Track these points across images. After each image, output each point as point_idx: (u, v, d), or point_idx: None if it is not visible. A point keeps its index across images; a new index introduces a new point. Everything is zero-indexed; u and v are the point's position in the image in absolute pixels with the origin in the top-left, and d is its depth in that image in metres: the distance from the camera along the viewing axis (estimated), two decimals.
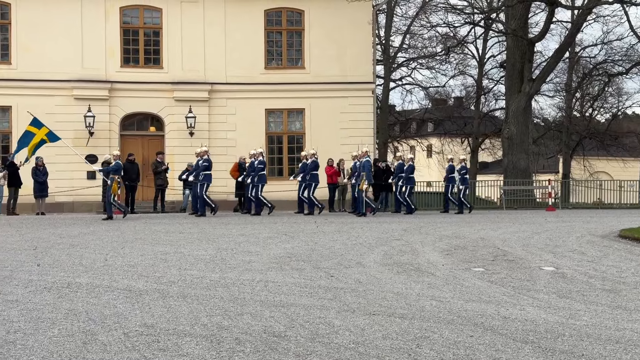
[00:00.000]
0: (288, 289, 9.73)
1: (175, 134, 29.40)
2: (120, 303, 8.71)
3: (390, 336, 7.19)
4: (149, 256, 12.99)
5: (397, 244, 14.88)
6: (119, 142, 29.14)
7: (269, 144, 30.24)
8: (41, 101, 28.41)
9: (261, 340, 7.01)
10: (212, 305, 8.58)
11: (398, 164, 26.59)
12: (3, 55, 28.99)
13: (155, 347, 6.75)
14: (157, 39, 29.93)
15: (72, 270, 11.32)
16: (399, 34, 48.03)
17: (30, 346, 6.74)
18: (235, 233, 17.23)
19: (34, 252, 13.59)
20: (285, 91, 30.21)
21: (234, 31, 29.90)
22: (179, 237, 16.30)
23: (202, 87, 29.70)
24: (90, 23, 29.00)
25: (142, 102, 29.51)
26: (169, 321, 7.76)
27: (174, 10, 29.67)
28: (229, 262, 12.23)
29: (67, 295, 9.24)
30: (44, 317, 7.92)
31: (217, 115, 29.83)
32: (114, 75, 29.30)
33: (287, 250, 13.91)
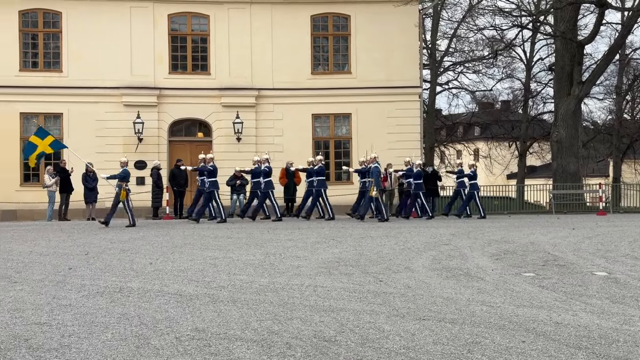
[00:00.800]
0: (337, 293, 9.73)
1: (222, 139, 29.60)
2: (171, 307, 8.79)
3: (441, 341, 7.14)
4: (198, 261, 13.08)
5: (446, 249, 14.79)
6: (168, 147, 29.43)
7: (315, 149, 30.28)
8: (91, 108, 28.85)
9: (312, 344, 7.02)
10: (262, 310, 8.61)
11: (407, 169, 26.30)
12: (54, 63, 29.47)
13: (207, 351, 6.80)
14: (204, 45, 30.18)
15: (123, 275, 11.45)
16: (445, 37, 47.82)
17: (85, 350, 6.83)
18: (283, 238, 17.28)
19: (86, 257, 13.77)
20: (331, 96, 30.24)
21: (280, 37, 30.03)
22: (227, 242, 16.39)
23: (249, 93, 29.87)
24: (139, 31, 29.36)
25: (190, 108, 29.77)
26: (220, 325, 7.80)
27: (221, 16, 29.89)
28: (277, 266, 12.26)
29: (119, 299, 9.35)
30: (97, 322, 8.02)
31: (264, 121, 29.96)
32: (163, 81, 29.61)
33: (335, 255, 13.91)
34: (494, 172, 56.73)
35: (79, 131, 28.64)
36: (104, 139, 28.51)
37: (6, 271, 11.96)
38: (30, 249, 15.33)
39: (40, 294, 9.77)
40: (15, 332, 7.52)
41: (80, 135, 28.45)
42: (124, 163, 22.61)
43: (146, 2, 29.52)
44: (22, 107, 28.93)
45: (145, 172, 27.90)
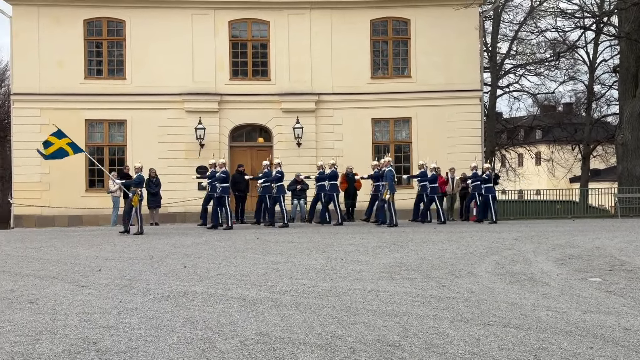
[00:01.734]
0: (400, 298, 9.70)
1: (283, 144, 29.74)
2: (235, 312, 8.87)
3: (507, 347, 7.08)
4: (260, 265, 13.17)
5: (509, 253, 14.63)
6: (229, 153, 29.67)
7: (375, 153, 30.18)
8: (154, 114, 29.26)
9: (375, 349, 7.02)
10: (325, 314, 8.64)
11: (421, 172, 25.95)
12: (118, 71, 29.97)
13: (271, 355, 6.85)
14: (264, 51, 30.37)
15: (187, 279, 11.59)
16: (506, 40, 47.29)
17: (152, 353, 6.94)
18: (344, 242, 17.29)
19: (150, 262, 13.97)
20: (391, 100, 30.13)
21: (340, 41, 30.05)
22: (289, 247, 16.46)
23: (309, 98, 29.95)
24: (201, 37, 29.67)
25: (250, 113, 29.97)
26: (284, 330, 7.85)
27: (281, 22, 30.05)
28: (339, 271, 12.28)
29: (184, 303, 9.47)
30: (163, 325, 8.13)
31: (324, 126, 30.01)
32: (224, 87, 29.87)
33: (397, 259, 13.87)
34: (557, 176, 55.92)
35: (142, 137, 29.06)
36: (167, 145, 28.86)
37: (74, 275, 12.20)
38: (97, 254, 15.62)
39: (107, 297, 9.95)
40: (84, 335, 7.67)
41: (143, 142, 28.88)
42: (139, 169, 22.23)
43: (207, 10, 29.83)
44: (87, 114, 29.46)
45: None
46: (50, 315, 8.77)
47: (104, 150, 29.64)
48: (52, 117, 28.90)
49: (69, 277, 11.98)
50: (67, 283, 11.33)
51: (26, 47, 29.06)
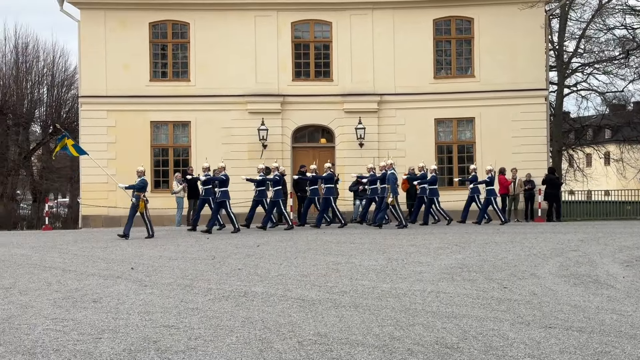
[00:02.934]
0: (460, 300, 9.61)
1: (345, 145, 29.72)
2: (294, 312, 8.89)
3: (568, 350, 6.95)
4: (321, 266, 13.18)
5: (574, 255, 14.37)
6: (291, 154, 29.78)
7: (438, 153, 29.98)
8: (217, 116, 29.53)
9: (433, 351, 6.96)
10: (383, 316, 8.60)
11: (421, 175, 25.51)
12: (182, 73, 30.32)
13: (329, 356, 6.84)
14: (327, 52, 30.40)
15: (248, 279, 11.66)
16: (573, 38, 46.42)
17: (210, 353, 6.99)
18: (405, 243, 17.20)
19: (212, 262, 14.10)
20: (454, 100, 29.88)
21: (402, 41, 29.91)
22: (350, 248, 16.44)
23: (371, 99, 29.88)
24: (263, 39, 29.85)
25: (313, 114, 30.03)
26: (342, 330, 7.83)
27: (344, 23, 30.04)
28: (399, 272, 12.22)
29: (244, 303, 9.52)
30: (223, 325, 8.19)
31: (386, 126, 29.90)
32: (286, 88, 29.99)
33: (459, 260, 13.74)
34: (626, 176, 54.73)
35: (206, 138, 29.36)
36: (230, 146, 29.10)
37: (137, 275, 12.38)
38: (160, 254, 15.82)
39: (168, 297, 10.07)
40: (145, 334, 7.77)
41: (206, 143, 29.17)
42: (141, 172, 21.60)
43: (270, 11, 30.00)
44: (152, 115, 29.88)
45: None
46: (112, 314, 8.91)
47: (168, 151, 30.02)
48: (119, 118, 29.48)
49: (132, 277, 12.16)
50: (131, 282, 11.50)
51: (93, 51, 29.62)
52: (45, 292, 10.69)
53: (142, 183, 21.19)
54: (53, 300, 9.92)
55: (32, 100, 48.63)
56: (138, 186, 21.14)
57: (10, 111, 45.61)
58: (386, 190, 23.31)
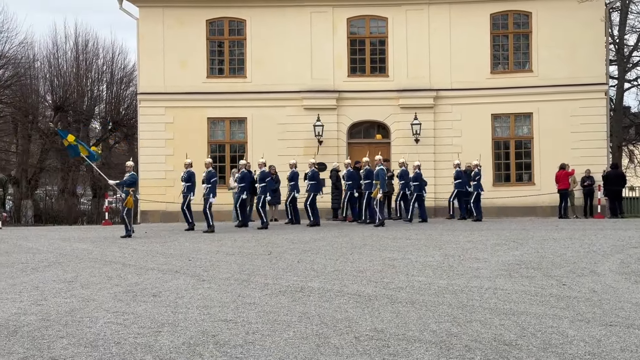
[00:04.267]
0: (518, 296, 9.53)
1: (400, 141, 29.62)
2: (350, 307, 8.91)
3: (629, 348, 6.85)
4: (377, 262, 13.19)
5: (635, 252, 14.13)
6: (347, 150, 29.79)
7: (494, 149, 29.71)
8: (273, 112, 29.68)
9: (491, 348, 6.92)
10: (440, 312, 8.57)
11: (401, 171, 25.01)
12: (239, 70, 30.55)
13: (386, 351, 6.85)
14: (382, 47, 30.33)
15: (304, 274, 11.72)
16: (634, 31, 45.55)
17: (268, 347, 7.05)
18: (462, 240, 17.10)
19: (269, 257, 14.20)
20: (511, 95, 29.53)
21: (459, 36, 29.69)
22: (406, 244, 16.41)
23: (427, 94, 29.72)
24: (319, 35, 29.91)
25: (368, 110, 29.99)
26: (398, 326, 7.83)
27: (399, 18, 29.94)
28: (456, 268, 12.16)
29: (301, 298, 9.57)
30: (280, 320, 8.25)
31: (442, 122, 29.71)
32: (342, 84, 30.01)
33: (516, 257, 13.62)
34: None
35: (262, 134, 29.52)
36: (286, 142, 29.22)
37: (195, 270, 12.53)
38: (217, 249, 15.99)
39: (226, 292, 10.18)
40: (204, 328, 7.87)
41: (263, 139, 29.31)
42: (131, 167, 20.88)
43: (326, 7, 30.04)
44: (209, 112, 30.18)
45: (324, 174, 28.34)
46: (172, 308, 9.03)
47: (225, 147, 30.28)
48: (176, 115, 29.83)
49: (191, 271, 12.31)
50: (189, 277, 11.65)
51: (152, 48, 30.01)
52: (106, 285, 10.89)
53: (132, 178, 20.55)
54: (114, 294, 10.10)
55: (92, 97, 49.49)
56: (127, 181, 20.46)
57: (70, 108, 46.49)
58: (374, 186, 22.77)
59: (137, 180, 20.99)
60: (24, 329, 7.92)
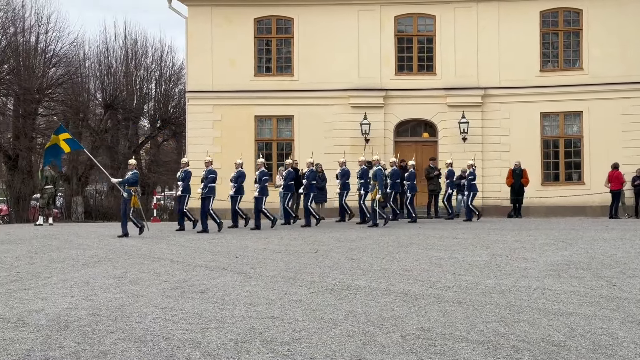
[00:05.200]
0: (567, 297, 9.43)
1: (448, 139, 29.46)
2: (397, 306, 8.90)
3: None
4: (423, 261, 13.14)
5: None
6: (394, 148, 29.71)
7: (543, 148, 29.38)
8: (320, 110, 29.72)
9: (539, 349, 6.86)
10: (487, 312, 8.52)
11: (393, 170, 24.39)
12: (286, 68, 30.65)
13: (432, 350, 6.83)
14: (430, 45, 30.18)
15: (350, 272, 11.73)
16: None
17: (314, 344, 7.08)
18: (510, 239, 16.96)
19: (315, 255, 14.23)
20: (561, 94, 29.17)
21: (507, 34, 29.41)
22: (452, 243, 16.32)
23: (475, 92, 29.52)
24: (366, 33, 29.86)
25: (415, 108, 29.87)
26: (445, 326, 7.81)
27: (447, 16, 29.77)
28: (504, 268, 12.07)
29: (347, 296, 9.59)
30: (326, 318, 8.27)
31: (490, 120, 29.47)
32: (389, 83, 29.93)
33: (565, 257, 13.47)
34: None
35: (309, 133, 29.57)
36: (332, 140, 29.20)
37: (242, 267, 12.62)
38: (264, 246, 16.07)
39: (273, 289, 10.23)
40: (251, 325, 7.93)
41: (309, 137, 29.36)
42: (133, 166, 20.25)
43: (373, 5, 29.99)
44: (256, 110, 30.33)
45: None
46: (219, 304, 9.10)
47: (272, 145, 30.41)
48: (224, 113, 30.03)
49: (238, 269, 12.39)
50: (236, 274, 11.72)
51: (200, 46, 30.25)
52: (155, 282, 11.02)
53: (134, 177, 19.81)
54: (162, 290, 10.22)
55: (141, 96, 50.05)
56: (130, 180, 19.67)
57: (120, 106, 47.08)
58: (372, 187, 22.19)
59: (137, 179, 20.09)
60: (74, 323, 8.05)
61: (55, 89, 44.05)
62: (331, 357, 6.63)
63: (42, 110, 44.76)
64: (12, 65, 40.32)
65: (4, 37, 40.03)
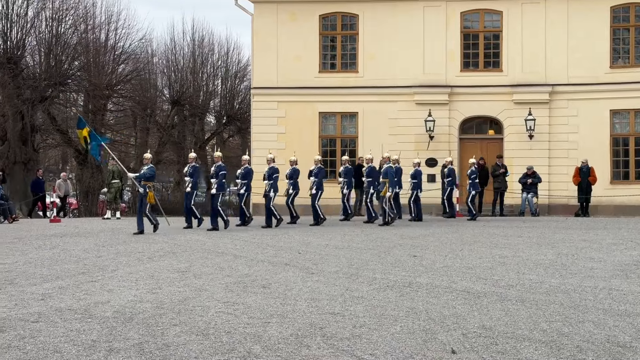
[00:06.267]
0: (634, 297, 9.24)
1: (514, 137, 29.10)
2: (459, 304, 8.83)
3: None
4: (486, 259, 13.02)
5: None
6: (458, 145, 29.48)
7: (613, 146, 28.79)
8: (384, 107, 29.64)
9: (604, 349, 6.74)
10: (551, 311, 8.40)
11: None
12: (351, 65, 30.63)
13: (494, 349, 6.76)
14: (496, 42, 29.84)
15: (412, 270, 11.68)
16: None
17: (375, 341, 7.07)
18: (576, 238, 16.68)
19: (377, 252, 14.21)
20: (632, 90, 28.48)
21: (576, 30, 28.89)
22: (517, 241, 16.13)
23: (542, 89, 29.07)
24: (432, 29, 29.66)
25: (481, 105, 29.57)
26: (507, 324, 7.72)
27: (515, 12, 29.37)
28: (569, 267, 11.88)
29: (408, 294, 9.55)
30: (387, 314, 8.25)
31: (557, 117, 29.00)
32: (454, 79, 29.68)
33: (634, 257, 13.19)
34: None
35: (373, 129, 29.51)
36: (397, 137, 29.08)
37: (304, 263, 12.67)
38: (326, 242, 16.10)
39: (334, 285, 10.24)
40: (312, 320, 7.95)
41: (373, 134, 29.29)
42: (149, 160, 19.56)
43: (439, 2, 29.75)
44: (321, 106, 30.40)
45: (435, 170, 28.14)
46: (280, 299, 9.16)
47: (336, 141, 30.45)
48: (288, 109, 30.19)
49: (300, 264, 12.45)
50: (298, 270, 11.77)
51: (265, 43, 30.45)
52: (218, 276, 11.13)
53: (150, 172, 19.13)
54: (225, 285, 10.31)
55: (207, 92, 50.64)
56: (145, 175, 19.02)
57: (187, 102, 47.69)
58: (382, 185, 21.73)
59: (154, 174, 19.52)
60: (139, 315, 8.18)
61: (124, 85, 44.83)
62: (391, 354, 6.62)
63: (111, 106, 45.64)
64: (83, 61, 41.15)
65: (75, 34, 40.89)
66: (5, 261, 13.01)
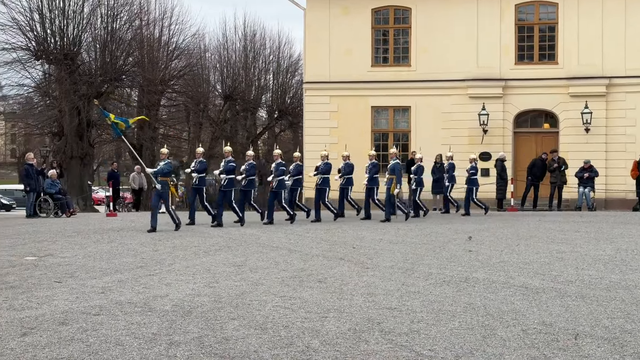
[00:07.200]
0: None
1: (570, 130, 28.70)
2: (517, 300, 8.74)
3: None
4: (544, 254, 12.86)
5: None
6: (512, 139, 29.19)
7: None
8: (437, 101, 29.46)
9: None
10: (612, 307, 8.27)
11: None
12: (403, 58, 30.51)
13: (555, 346, 6.68)
14: (552, 34, 29.44)
15: (469, 265, 11.60)
16: None
17: (433, 336, 7.03)
18: (635, 233, 16.39)
19: (432, 247, 14.14)
20: None
21: (635, 20, 28.33)
22: (575, 236, 15.90)
23: (599, 82, 28.61)
24: (486, 22, 29.37)
25: (535, 98, 29.22)
26: (568, 321, 7.62)
27: (571, 3, 28.92)
28: (630, 263, 11.68)
29: (465, 289, 9.48)
30: (445, 310, 8.21)
31: (615, 110, 28.52)
32: (508, 72, 29.37)
33: None
34: None
35: (426, 123, 29.39)
36: (450, 131, 28.89)
37: (359, 257, 12.66)
38: (380, 237, 16.07)
39: (390, 280, 10.22)
40: (369, 315, 7.94)
41: (426, 128, 29.19)
42: (166, 155, 18.83)
43: None
44: (373, 100, 30.34)
45: (489, 164, 27.90)
46: (337, 294, 9.16)
47: (388, 136, 30.37)
48: (340, 103, 30.17)
49: (355, 259, 12.44)
50: (353, 264, 11.77)
51: (318, 37, 30.48)
52: (274, 270, 11.18)
53: (167, 167, 18.37)
54: (281, 279, 10.35)
55: (259, 87, 50.88)
56: (162, 170, 18.26)
57: (239, 97, 47.99)
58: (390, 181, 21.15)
59: (171, 169, 18.68)
60: (197, 309, 8.26)
61: (177, 81, 45.30)
62: (451, 350, 6.58)
63: (164, 102, 46.12)
64: (137, 57, 41.66)
65: (130, 30, 41.41)
66: (65, 255, 13.23)
